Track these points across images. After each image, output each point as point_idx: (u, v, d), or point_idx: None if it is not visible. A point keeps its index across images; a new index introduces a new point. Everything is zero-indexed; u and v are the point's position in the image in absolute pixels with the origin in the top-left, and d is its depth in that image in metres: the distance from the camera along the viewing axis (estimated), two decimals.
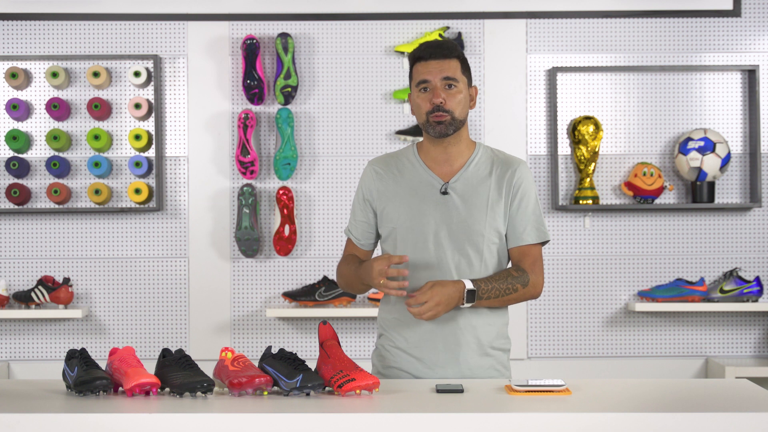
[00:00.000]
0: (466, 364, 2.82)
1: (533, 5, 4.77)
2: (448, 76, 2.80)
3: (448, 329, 2.81)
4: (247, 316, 4.80)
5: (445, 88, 2.80)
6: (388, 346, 2.88)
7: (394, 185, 2.89)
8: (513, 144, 4.76)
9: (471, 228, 2.82)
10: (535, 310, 4.80)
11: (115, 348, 2.60)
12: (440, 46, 2.83)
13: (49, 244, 4.79)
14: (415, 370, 2.83)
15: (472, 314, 2.82)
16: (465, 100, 2.84)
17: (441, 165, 2.88)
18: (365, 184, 2.94)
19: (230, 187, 4.80)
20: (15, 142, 4.70)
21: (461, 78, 2.82)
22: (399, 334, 2.86)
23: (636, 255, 4.80)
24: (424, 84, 2.81)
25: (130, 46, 4.81)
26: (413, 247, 2.82)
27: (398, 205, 2.86)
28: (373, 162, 2.96)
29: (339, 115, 4.81)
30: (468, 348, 2.82)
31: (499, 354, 2.88)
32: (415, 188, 2.86)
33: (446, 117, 2.80)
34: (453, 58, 2.82)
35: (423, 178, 2.87)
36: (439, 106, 2.79)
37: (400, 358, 2.85)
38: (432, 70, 2.80)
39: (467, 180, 2.85)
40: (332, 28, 4.81)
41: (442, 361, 2.82)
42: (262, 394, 2.48)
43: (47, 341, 4.79)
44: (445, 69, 2.80)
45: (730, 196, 4.82)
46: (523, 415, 2.26)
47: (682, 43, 4.82)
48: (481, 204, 2.83)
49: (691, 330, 4.81)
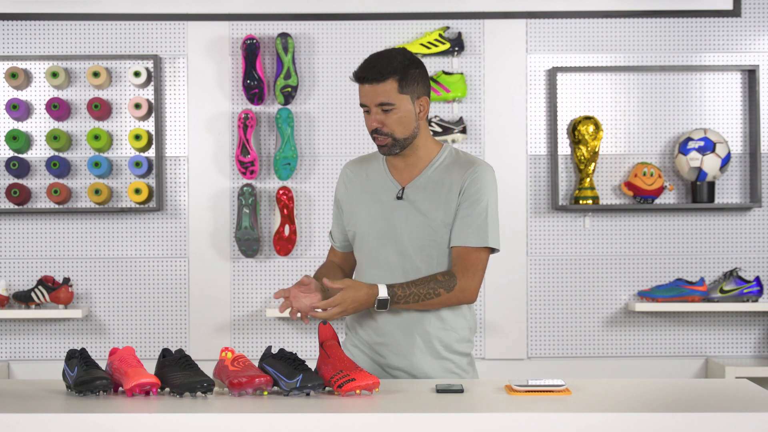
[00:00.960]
0: (419, 367, 2.83)
1: (533, 5, 4.77)
2: (382, 101, 2.75)
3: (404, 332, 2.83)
4: (247, 316, 4.80)
5: (381, 112, 2.77)
6: (350, 345, 2.94)
7: (360, 190, 2.92)
8: (513, 144, 4.76)
9: (422, 233, 2.81)
10: (535, 310, 4.80)
11: (115, 348, 2.60)
12: (374, 68, 2.75)
13: (49, 244, 4.79)
14: (374, 370, 2.87)
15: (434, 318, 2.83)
16: (407, 118, 2.78)
17: (401, 171, 2.89)
18: (338, 187, 3.00)
19: (230, 187, 4.80)
20: (15, 142, 4.70)
21: (398, 98, 2.75)
22: (359, 333, 2.91)
23: (636, 255, 4.80)
24: (364, 107, 2.80)
25: (130, 46, 4.81)
26: (369, 251, 2.87)
27: (360, 210, 2.90)
28: (348, 165, 3.00)
29: (339, 115, 4.81)
30: (422, 352, 2.83)
31: (456, 358, 2.86)
32: (377, 193, 2.89)
33: (387, 140, 2.79)
34: (387, 80, 2.74)
35: (384, 182, 2.89)
36: (378, 129, 2.78)
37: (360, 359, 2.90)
38: (366, 95, 2.77)
39: (423, 185, 2.85)
40: (332, 28, 4.81)
41: (397, 363, 2.84)
42: (262, 394, 2.48)
43: (47, 341, 4.79)
44: (378, 94, 2.75)
45: (730, 196, 4.82)
46: (523, 415, 2.26)
47: (682, 43, 4.82)
48: (437, 208, 2.82)
49: (691, 330, 4.81)
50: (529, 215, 4.78)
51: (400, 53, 2.78)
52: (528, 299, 4.78)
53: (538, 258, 4.77)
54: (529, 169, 4.79)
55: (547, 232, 4.79)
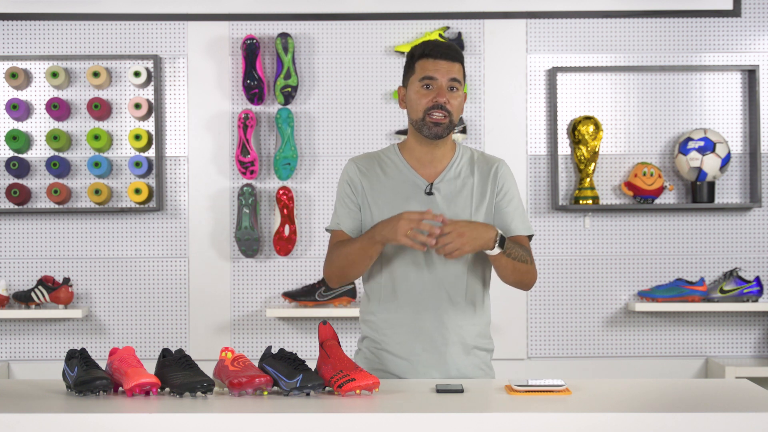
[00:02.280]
0: (453, 364, 2.82)
1: (533, 5, 4.77)
2: (454, 77, 2.81)
3: (434, 329, 2.81)
4: (247, 316, 4.80)
5: (449, 89, 2.80)
6: (374, 348, 2.87)
7: (378, 184, 2.87)
8: (513, 144, 4.76)
9: None
10: (535, 310, 4.80)
11: (115, 348, 2.60)
12: (450, 47, 2.83)
13: (49, 244, 4.79)
14: (402, 371, 2.82)
15: (458, 314, 2.82)
16: (462, 104, 2.85)
17: (425, 166, 2.87)
18: (349, 178, 2.90)
19: (230, 187, 4.80)
20: (15, 142, 4.70)
21: (462, 82, 2.84)
22: (384, 335, 2.85)
23: (636, 255, 4.80)
24: (429, 81, 2.80)
25: (130, 46, 4.81)
26: (398, 247, 2.81)
27: (382, 205, 2.85)
28: (354, 159, 2.94)
29: (339, 115, 4.81)
30: (454, 347, 2.82)
31: (482, 354, 2.88)
32: (399, 188, 2.85)
33: (446, 119, 2.80)
34: (458, 62, 2.83)
35: (407, 178, 2.87)
36: (442, 105, 2.78)
37: (386, 360, 2.85)
38: (440, 69, 2.80)
39: (451, 180, 2.86)
40: (332, 28, 4.81)
41: (429, 361, 2.81)
42: (262, 394, 2.48)
43: (47, 341, 4.79)
44: (453, 71, 2.81)
45: (730, 196, 4.82)
46: (523, 415, 2.26)
47: (682, 43, 4.82)
48: (465, 203, 2.84)
49: (691, 330, 4.81)
50: (529, 215, 4.78)
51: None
52: (528, 299, 4.78)
53: (538, 258, 4.77)
54: (529, 169, 4.79)
55: (547, 232, 4.79)
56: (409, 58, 2.86)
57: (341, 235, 2.88)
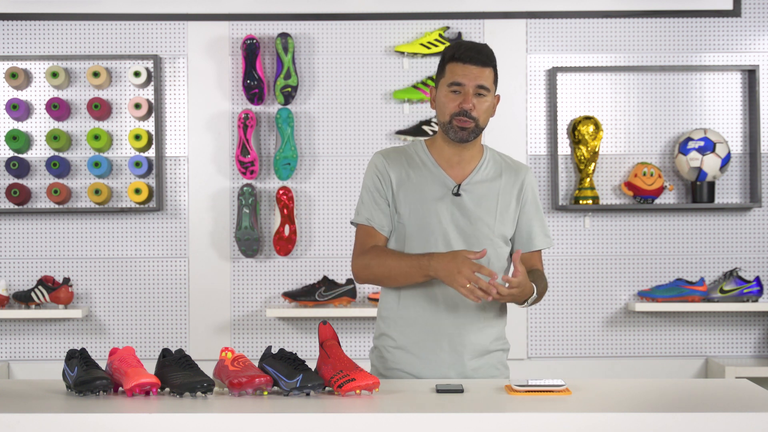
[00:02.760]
0: (469, 363, 2.82)
1: (533, 5, 4.77)
2: (482, 84, 2.78)
3: (453, 329, 2.81)
4: (247, 316, 4.80)
5: (476, 95, 2.78)
6: (390, 346, 2.87)
7: (406, 179, 2.85)
8: (513, 144, 4.76)
9: (480, 231, 2.82)
10: (535, 309, 4.80)
11: (115, 348, 2.60)
12: (480, 52, 2.80)
13: (49, 244, 4.79)
14: (418, 371, 2.82)
15: (478, 316, 2.83)
16: (490, 109, 2.83)
17: (453, 166, 2.86)
18: (378, 170, 2.87)
19: (230, 187, 4.80)
20: (15, 142, 4.70)
21: (491, 87, 2.82)
22: (402, 333, 2.85)
23: (636, 255, 4.80)
24: (457, 87, 2.78)
25: (130, 46, 4.81)
26: (422, 245, 2.80)
27: (409, 200, 2.84)
28: (381, 152, 2.91)
29: (339, 115, 4.81)
30: (472, 348, 2.82)
31: (499, 354, 2.89)
32: (427, 186, 2.84)
33: (471, 124, 2.79)
34: (489, 67, 2.80)
35: (435, 176, 2.85)
36: (467, 111, 2.77)
37: (401, 359, 2.84)
38: (468, 74, 2.78)
39: (478, 183, 2.85)
40: (332, 28, 4.81)
41: (445, 361, 2.81)
42: (262, 394, 2.48)
43: (47, 341, 4.79)
44: (480, 76, 2.78)
45: (730, 196, 4.82)
46: (523, 415, 2.26)
47: (682, 43, 4.82)
48: (491, 208, 2.84)
49: (691, 330, 4.81)
50: None
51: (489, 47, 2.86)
52: None
53: None
54: None
55: None
56: (441, 58, 2.85)
57: (372, 232, 2.85)
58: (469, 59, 2.78)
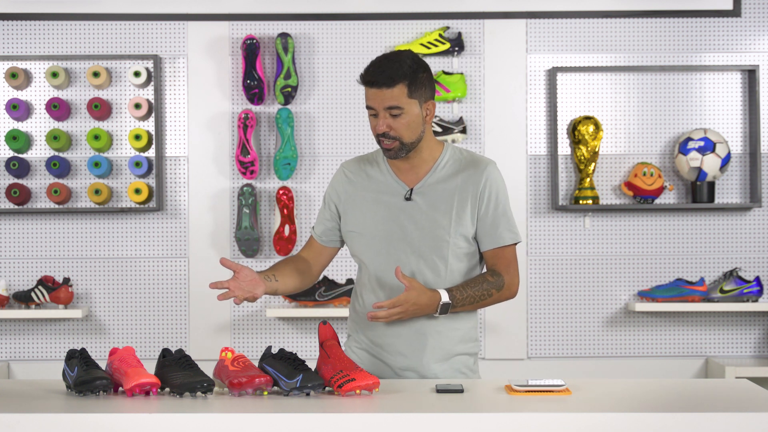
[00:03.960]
0: (430, 370, 2.81)
1: (533, 5, 4.77)
2: (391, 105, 2.72)
3: (413, 334, 2.81)
4: (247, 316, 4.80)
5: (389, 116, 2.73)
6: (354, 347, 2.90)
7: (362, 190, 2.87)
8: (513, 144, 4.76)
9: (434, 234, 2.79)
10: (535, 310, 4.80)
11: (115, 348, 2.60)
12: (383, 73, 2.70)
13: (49, 244, 4.79)
14: (380, 372, 2.84)
15: (436, 321, 2.81)
16: (415, 122, 2.75)
17: (406, 171, 2.85)
18: (334, 186, 2.92)
19: (230, 187, 4.80)
20: (15, 142, 4.70)
21: (407, 102, 2.72)
22: (364, 335, 2.88)
23: (636, 255, 4.80)
24: (371, 110, 2.76)
25: (130, 46, 4.81)
26: (376, 254, 2.82)
27: (363, 211, 2.85)
28: (345, 165, 2.94)
29: (339, 115, 4.81)
30: (432, 353, 2.81)
31: (464, 358, 2.86)
32: (381, 194, 2.85)
33: (394, 144, 2.75)
34: (397, 85, 2.70)
35: (389, 183, 2.85)
36: (386, 133, 2.74)
37: (366, 360, 2.87)
38: (375, 98, 2.72)
39: (432, 186, 2.82)
40: (332, 28, 4.81)
41: (408, 365, 2.82)
42: (262, 394, 2.48)
43: (47, 341, 4.79)
44: (387, 98, 2.71)
45: (730, 196, 4.82)
46: (523, 415, 2.26)
47: (682, 43, 4.82)
48: (446, 209, 2.80)
49: (691, 330, 4.81)
50: (529, 215, 4.78)
51: (408, 57, 2.75)
52: (528, 299, 4.78)
53: (538, 258, 4.77)
54: (529, 169, 4.79)
55: (547, 232, 4.79)
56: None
57: (311, 240, 2.99)
58: (371, 83, 2.72)
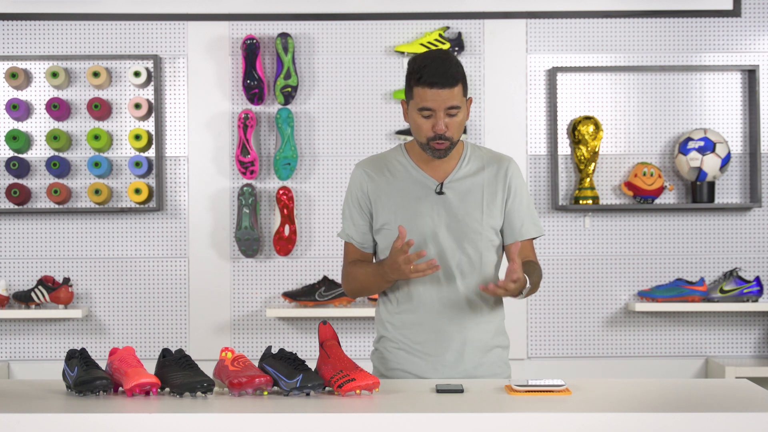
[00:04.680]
0: (471, 362, 2.82)
1: (533, 5, 4.77)
2: (452, 105, 2.73)
3: (453, 328, 2.81)
4: (247, 316, 4.80)
5: (447, 117, 2.74)
6: (391, 347, 2.87)
7: (387, 186, 2.86)
8: (513, 144, 4.76)
9: (469, 226, 2.81)
10: (535, 310, 4.80)
11: (115, 348, 2.60)
12: (445, 74, 2.71)
13: (49, 244, 4.79)
14: (420, 370, 2.82)
15: (475, 312, 2.83)
16: (464, 121, 2.78)
17: (434, 167, 2.86)
18: (357, 186, 2.89)
19: (230, 187, 4.80)
20: (15, 142, 4.70)
21: (462, 101, 2.75)
22: (402, 334, 2.85)
23: (636, 255, 4.80)
24: (428, 111, 2.73)
25: (130, 46, 4.81)
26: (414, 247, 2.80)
27: (393, 207, 2.84)
28: (361, 164, 2.91)
29: (339, 115, 4.81)
30: (473, 346, 2.82)
31: (499, 351, 2.88)
32: (409, 189, 2.84)
33: (446, 144, 2.76)
34: (457, 85, 2.73)
35: (416, 179, 2.85)
36: (442, 134, 2.74)
37: (403, 360, 2.84)
38: (437, 99, 2.71)
39: (460, 180, 2.85)
40: (332, 28, 4.81)
41: (448, 361, 2.81)
42: (262, 394, 2.48)
43: (47, 341, 4.79)
44: (448, 99, 2.72)
45: (730, 196, 4.82)
46: (523, 415, 2.26)
47: (682, 43, 4.82)
48: (477, 202, 2.83)
49: (691, 330, 4.81)
50: None
51: (453, 56, 2.77)
52: (528, 299, 4.78)
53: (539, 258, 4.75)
54: (529, 169, 4.79)
55: (547, 232, 4.79)
56: (408, 76, 2.77)
57: (350, 248, 2.91)
58: (435, 84, 2.71)
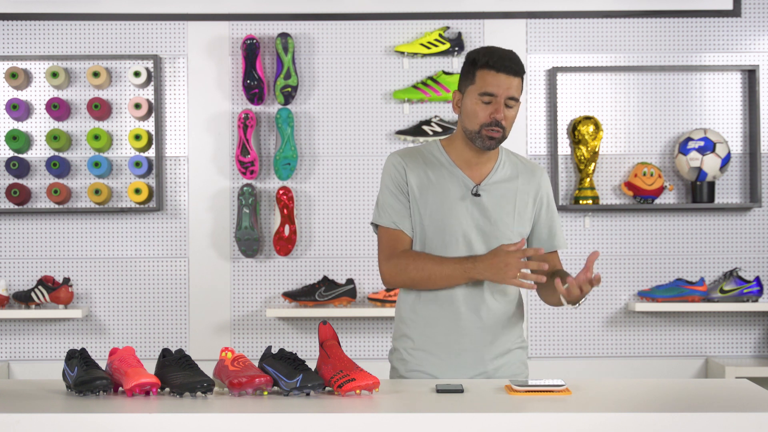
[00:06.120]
0: (492, 363, 2.81)
1: (533, 5, 4.77)
2: (513, 95, 2.74)
3: (475, 328, 2.80)
4: (247, 316, 4.80)
5: (506, 106, 2.75)
6: (410, 348, 2.84)
7: (425, 179, 2.83)
8: (513, 144, 4.75)
9: (500, 231, 2.81)
10: (535, 310, 4.80)
11: (115, 348, 2.60)
12: (513, 60, 2.74)
13: (49, 244, 4.79)
14: (440, 371, 2.80)
15: (498, 314, 2.82)
16: (516, 117, 2.80)
17: (471, 167, 2.84)
18: (396, 173, 2.84)
19: (230, 187, 4.80)
20: (15, 142, 4.70)
21: (519, 96, 2.78)
22: (422, 333, 2.83)
23: (636, 255, 4.80)
24: (489, 97, 2.73)
25: (130, 46, 4.81)
26: (443, 246, 2.79)
27: (428, 201, 2.81)
28: (397, 153, 2.87)
29: (339, 115, 4.81)
30: (494, 347, 2.82)
31: (518, 352, 2.88)
32: (446, 186, 2.82)
33: (500, 133, 2.76)
34: (520, 77, 2.75)
35: (455, 177, 2.83)
36: (499, 122, 2.74)
37: (423, 360, 2.82)
38: (501, 84, 2.72)
39: (496, 184, 2.84)
40: (332, 28, 4.81)
41: (469, 362, 2.80)
42: (262, 394, 2.48)
43: (47, 341, 4.79)
44: (511, 87, 2.73)
45: (730, 196, 4.82)
46: (523, 415, 2.26)
47: (682, 43, 4.82)
48: (509, 208, 2.83)
49: (691, 330, 4.81)
50: None
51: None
52: (528, 299, 4.78)
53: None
54: None
55: None
56: (470, 63, 2.77)
57: (400, 236, 2.82)
58: (502, 68, 2.72)
